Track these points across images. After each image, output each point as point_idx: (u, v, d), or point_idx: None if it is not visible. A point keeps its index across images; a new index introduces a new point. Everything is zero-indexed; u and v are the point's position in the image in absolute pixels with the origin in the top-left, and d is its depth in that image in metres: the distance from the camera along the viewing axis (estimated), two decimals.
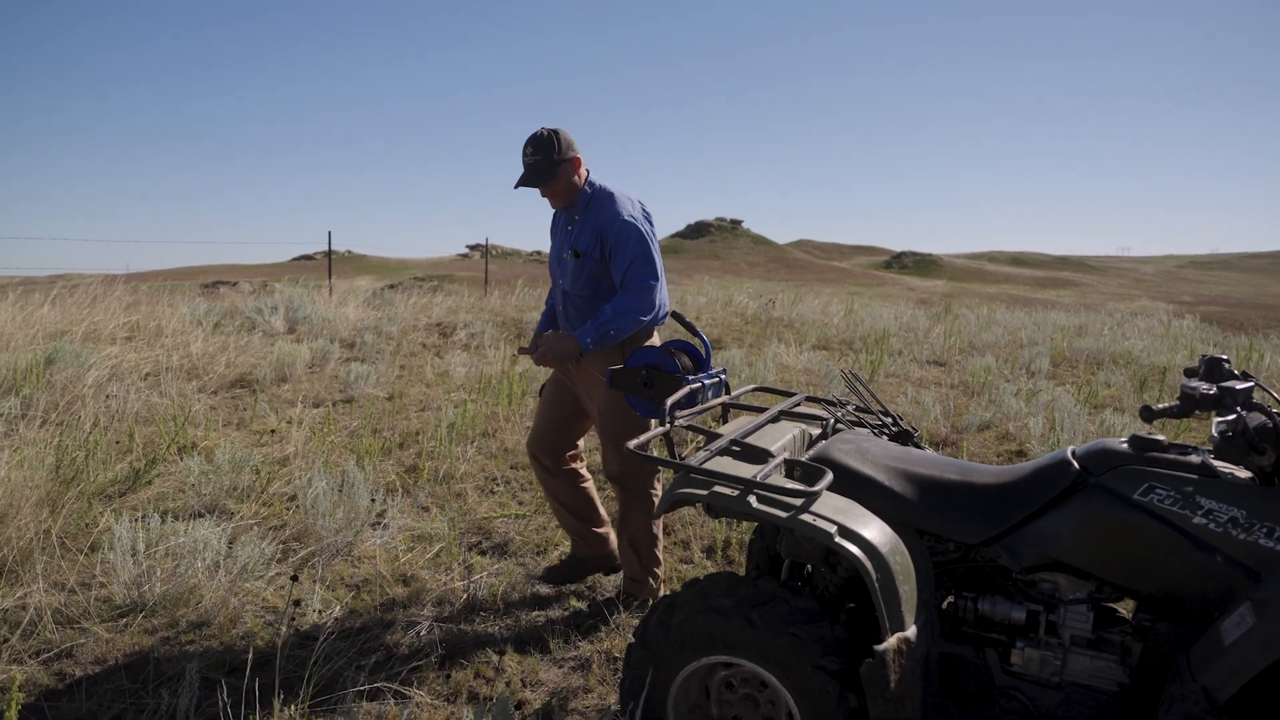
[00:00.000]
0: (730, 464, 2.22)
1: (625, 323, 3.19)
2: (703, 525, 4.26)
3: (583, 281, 3.35)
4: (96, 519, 4.04)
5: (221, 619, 3.18)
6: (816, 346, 10.29)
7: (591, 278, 3.33)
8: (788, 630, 2.03)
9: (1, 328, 7.65)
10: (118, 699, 2.69)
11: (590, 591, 3.60)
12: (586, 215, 3.33)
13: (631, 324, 3.20)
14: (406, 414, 6.56)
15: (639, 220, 3.26)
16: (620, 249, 3.21)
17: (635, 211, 3.30)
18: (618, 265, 3.24)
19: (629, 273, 3.21)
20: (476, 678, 2.89)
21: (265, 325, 9.92)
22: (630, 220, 3.22)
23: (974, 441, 5.88)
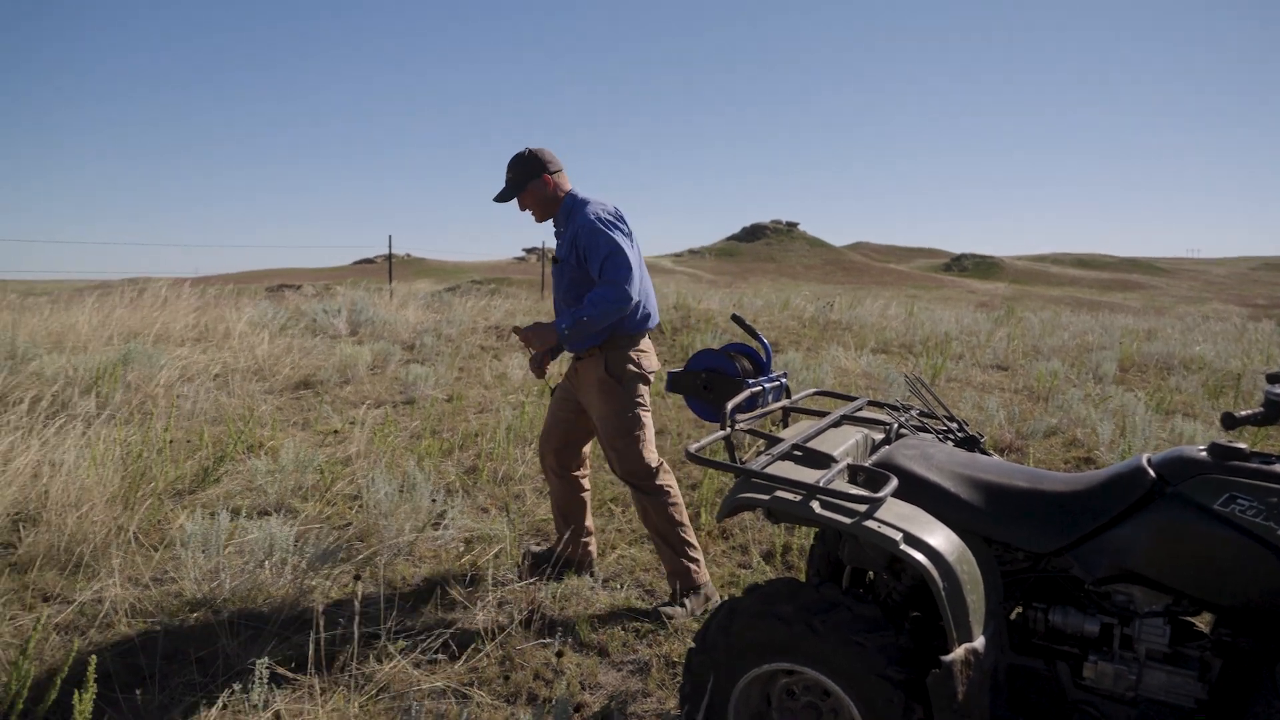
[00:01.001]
0: (792, 469, 2.20)
1: (596, 311, 3.28)
2: (761, 530, 4.23)
3: (565, 287, 3.54)
4: (168, 515, 4.16)
5: (287, 615, 3.24)
6: (876, 350, 10.16)
7: (573, 283, 3.49)
8: (852, 638, 2.00)
9: (80, 330, 7.92)
10: (189, 691, 2.75)
11: (650, 596, 3.60)
12: (566, 225, 3.52)
13: (603, 313, 3.29)
14: (465, 415, 6.63)
15: (606, 222, 3.41)
16: (593, 250, 3.37)
17: (605, 215, 3.44)
18: (593, 265, 3.39)
19: (603, 268, 3.35)
20: (536, 679, 2.91)
21: (329, 328, 10.11)
22: (597, 222, 3.39)
23: (1040, 448, 5.75)
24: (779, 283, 41.47)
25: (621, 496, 4.74)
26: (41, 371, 6.48)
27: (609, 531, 4.25)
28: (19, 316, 8.45)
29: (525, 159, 3.50)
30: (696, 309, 12.65)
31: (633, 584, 3.71)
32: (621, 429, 3.45)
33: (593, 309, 3.29)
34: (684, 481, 4.99)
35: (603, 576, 3.75)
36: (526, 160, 3.50)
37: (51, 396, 5.76)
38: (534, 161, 3.49)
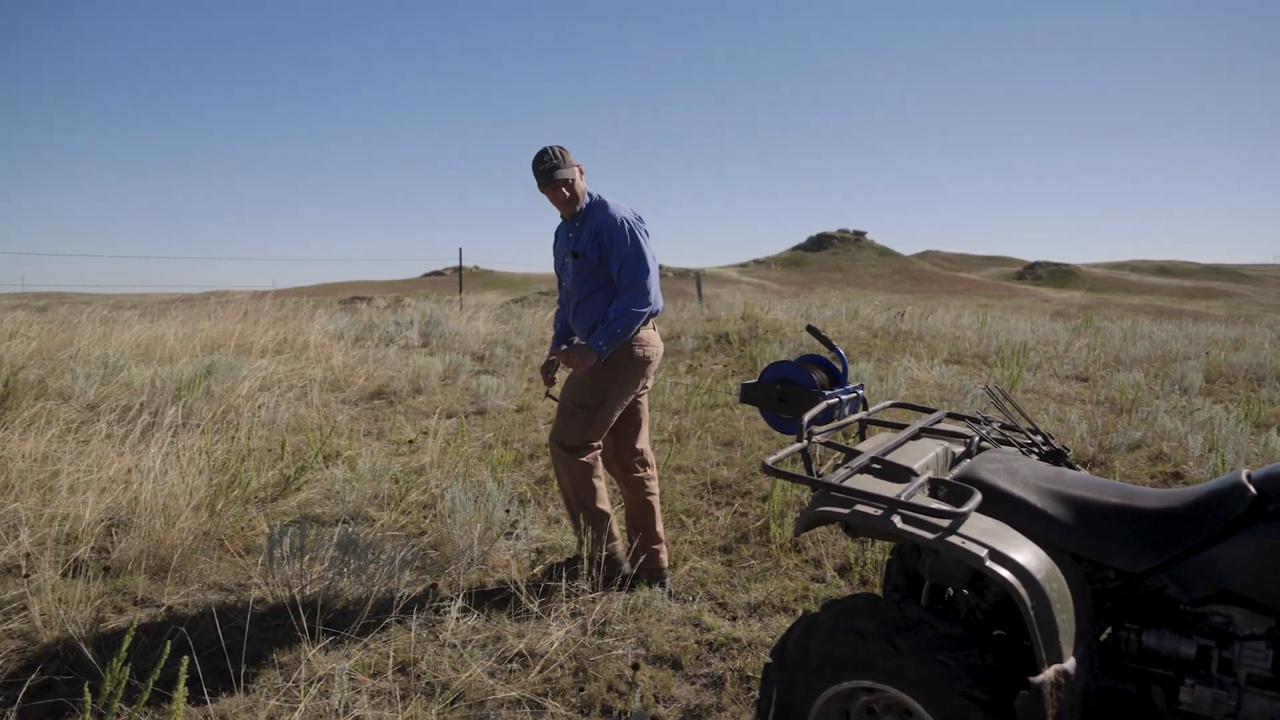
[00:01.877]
0: (871, 482, 2.16)
1: (627, 320, 3.53)
2: (835, 543, 4.17)
3: (583, 280, 3.70)
4: (251, 522, 4.27)
5: (366, 621, 3.30)
6: (949, 361, 9.96)
7: (591, 276, 3.68)
8: (935, 657, 1.95)
9: (167, 342, 8.20)
10: (272, 695, 2.82)
11: (722, 608, 3.57)
12: (585, 221, 3.70)
13: (633, 320, 3.54)
14: (535, 426, 6.69)
15: (631, 221, 3.63)
16: (616, 247, 3.58)
17: (628, 214, 3.66)
18: (613, 262, 3.59)
19: (623, 268, 3.57)
20: (609, 691, 2.91)
21: (401, 339, 10.30)
22: (623, 221, 3.60)
23: (1124, 462, 5.56)
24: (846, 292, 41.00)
25: (694, 509, 4.73)
26: (131, 382, 6.74)
27: (680, 544, 4.24)
28: (110, 329, 8.80)
29: (564, 152, 3.65)
30: (764, 319, 12.57)
31: (705, 596, 3.69)
32: (584, 400, 3.63)
33: (621, 320, 3.52)
34: (754, 494, 4.96)
35: (674, 589, 3.74)
36: (564, 154, 3.65)
37: (140, 406, 5.97)
38: (569, 156, 3.66)
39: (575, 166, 3.66)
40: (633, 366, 3.65)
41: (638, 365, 3.66)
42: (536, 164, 3.65)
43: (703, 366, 9.84)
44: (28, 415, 5.58)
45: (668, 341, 11.24)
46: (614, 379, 3.63)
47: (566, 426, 3.65)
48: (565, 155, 3.64)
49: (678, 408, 7.27)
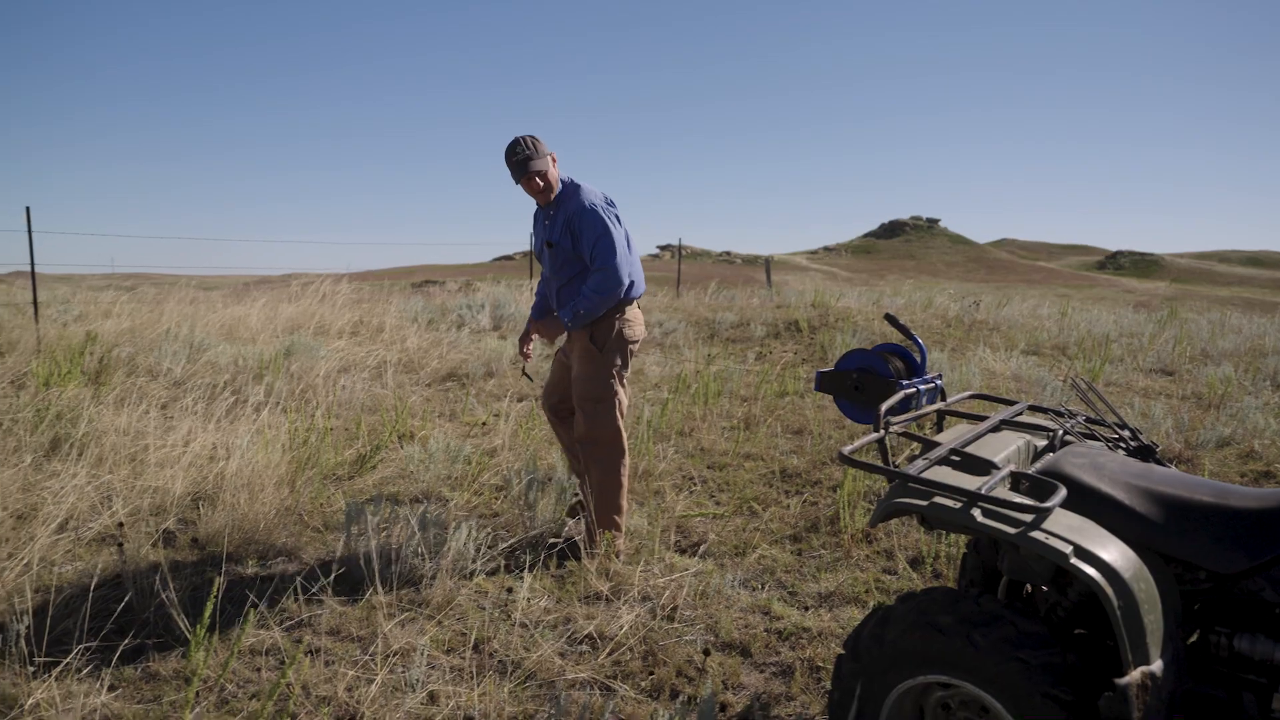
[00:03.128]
0: (950, 474, 2.12)
1: (592, 301, 3.69)
2: (907, 535, 4.11)
3: (559, 267, 3.87)
4: (330, 499, 4.38)
5: (439, 600, 3.37)
6: (1026, 352, 9.72)
7: (567, 263, 3.83)
8: (1014, 654, 1.91)
9: (250, 323, 8.46)
10: (351, 666, 2.89)
11: (793, 598, 3.56)
12: (559, 209, 3.83)
13: (598, 301, 3.70)
14: None
15: (600, 207, 3.73)
16: (587, 232, 3.70)
17: (598, 200, 3.77)
18: (585, 248, 3.73)
19: (594, 253, 3.70)
20: (678, 676, 2.92)
21: (473, 322, 10.45)
22: (592, 207, 3.71)
23: (1213, 459, 5.37)
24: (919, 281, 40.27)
25: (764, 496, 4.71)
26: (216, 361, 6.97)
27: (749, 531, 4.23)
28: (196, 309, 9.11)
29: (536, 142, 3.76)
30: (834, 307, 12.42)
31: (774, 585, 3.67)
32: (593, 394, 3.80)
33: (587, 300, 3.69)
34: (825, 483, 4.92)
35: (744, 576, 3.74)
36: (537, 144, 3.76)
37: (224, 384, 6.17)
38: (542, 146, 3.77)
39: (548, 156, 3.77)
40: (621, 347, 3.85)
41: (625, 346, 3.86)
42: (509, 155, 3.74)
43: (772, 354, 9.77)
44: (120, 391, 5.82)
45: (736, 329, 11.18)
46: (609, 363, 3.82)
47: (594, 422, 3.82)
48: (538, 146, 3.74)
49: (747, 395, 7.23)
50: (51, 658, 2.84)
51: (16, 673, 2.74)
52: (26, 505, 4.03)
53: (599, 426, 3.80)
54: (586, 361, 3.81)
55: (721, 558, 3.95)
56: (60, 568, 3.51)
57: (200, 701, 2.67)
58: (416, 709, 2.67)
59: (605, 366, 3.80)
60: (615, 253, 3.68)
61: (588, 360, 3.81)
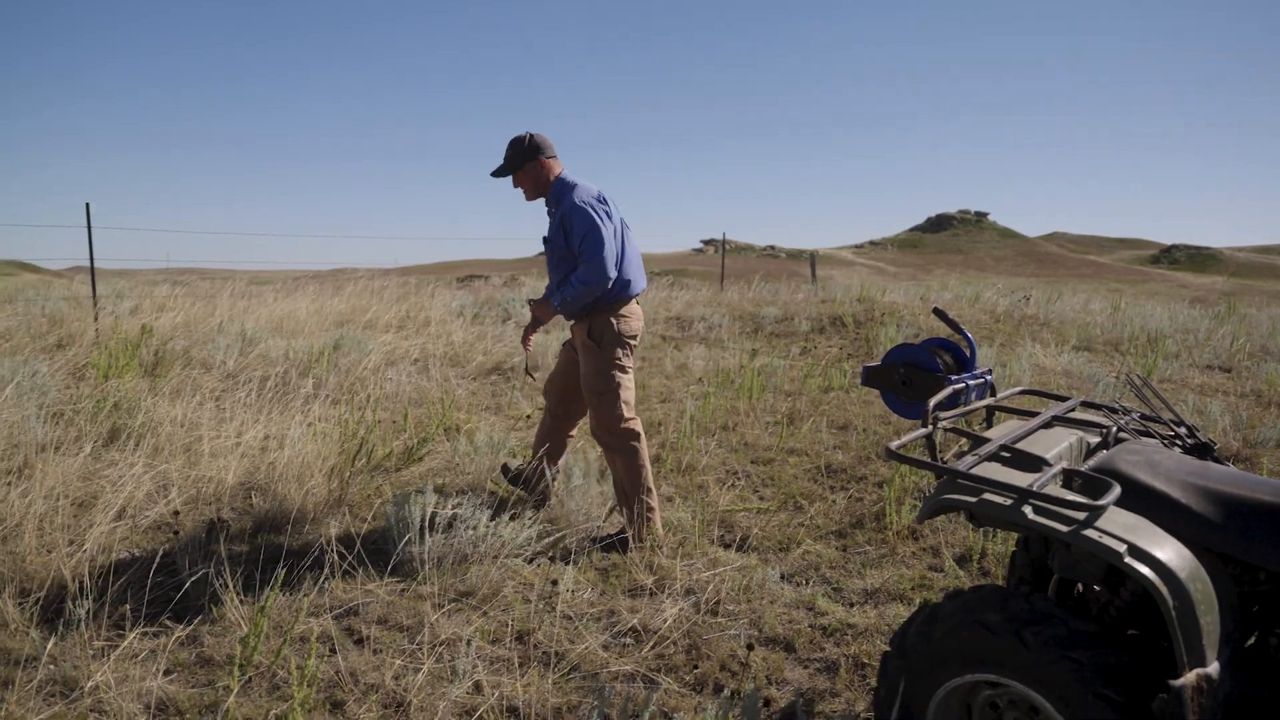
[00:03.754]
0: (1000, 470, 2.09)
1: (578, 290, 3.82)
2: (954, 532, 4.06)
3: (555, 265, 4.03)
4: (378, 490, 4.45)
5: (485, 590, 3.40)
6: (1077, 347, 9.54)
7: (562, 260, 3.97)
8: (1066, 654, 1.88)
9: (299, 316, 8.60)
10: (398, 656, 2.94)
11: (838, 594, 3.54)
12: (555, 208, 3.99)
13: (583, 291, 3.82)
14: (648, 405, 6.73)
15: (589, 204, 3.86)
16: (576, 228, 3.84)
17: (588, 198, 3.89)
18: (575, 241, 3.86)
19: (582, 246, 3.83)
20: (722, 670, 2.92)
21: (518, 316, 10.51)
22: (581, 205, 3.85)
23: (1273, 458, 5.23)
24: (966, 275, 39.71)
25: (810, 492, 4.69)
26: (267, 354, 7.10)
27: (793, 526, 4.21)
28: (248, 303, 9.28)
29: (524, 143, 3.99)
30: (880, 301, 12.30)
31: (819, 580, 3.65)
32: (598, 388, 3.94)
33: (573, 289, 3.84)
34: (870, 479, 4.87)
35: (788, 571, 3.72)
36: (525, 144, 3.98)
37: (275, 377, 6.28)
38: (532, 147, 3.98)
39: (538, 160, 3.98)
40: (620, 342, 3.97)
41: (623, 341, 3.98)
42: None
43: (817, 349, 9.70)
44: (175, 382, 5.95)
45: (781, 323, 11.12)
46: (610, 358, 3.95)
47: (600, 414, 3.98)
48: (520, 149, 3.98)
49: (791, 390, 7.19)
50: (110, 641, 2.93)
51: (78, 655, 2.82)
52: (86, 493, 4.15)
53: (606, 418, 3.96)
54: (588, 357, 3.97)
55: (765, 553, 3.93)
56: (118, 554, 3.60)
57: (253, 687, 2.73)
58: (462, 698, 2.70)
59: (605, 361, 3.94)
60: (602, 246, 3.80)
61: (589, 356, 3.97)
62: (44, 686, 2.67)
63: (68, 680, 2.71)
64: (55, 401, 5.46)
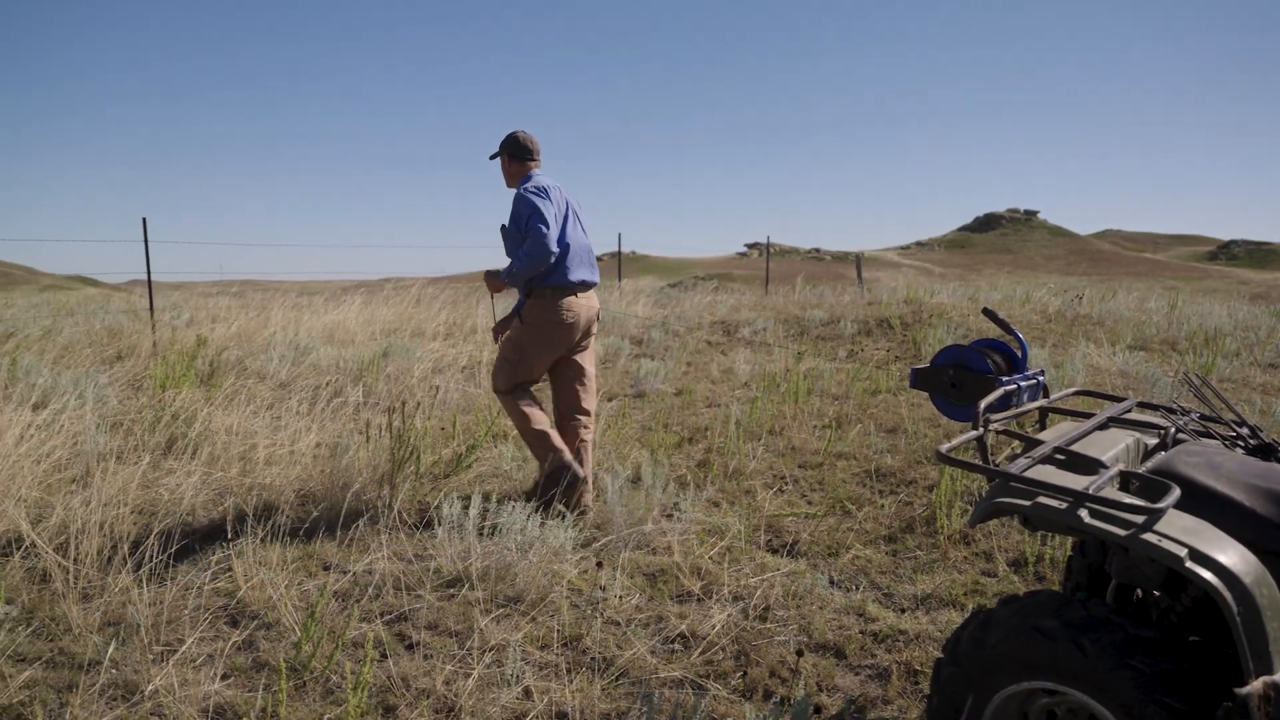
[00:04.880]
0: (1054, 473, 2.05)
1: (521, 263, 4.18)
2: (1007, 536, 3.99)
3: (511, 249, 4.39)
4: (427, 497, 4.49)
5: (533, 596, 3.41)
6: (1133, 347, 9.33)
7: (515, 245, 4.31)
8: (1126, 661, 1.83)
9: (349, 325, 8.73)
10: (448, 661, 2.96)
11: (889, 600, 3.49)
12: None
13: (527, 262, 4.16)
14: (695, 409, 6.72)
15: (530, 191, 4.25)
16: (520, 214, 4.24)
17: (532, 187, 4.28)
18: (521, 225, 4.23)
19: (526, 226, 4.19)
20: (771, 676, 2.89)
21: None
22: (523, 192, 4.26)
23: None
24: (1016, 275, 39.06)
25: (859, 496, 4.64)
26: (318, 363, 7.22)
27: (842, 531, 4.17)
28: (299, 314, 9.45)
29: (506, 139, 4.54)
30: (928, 303, 12.15)
31: (869, 586, 3.61)
32: (505, 353, 4.46)
33: (519, 262, 4.18)
34: (920, 483, 4.81)
35: (837, 577, 3.68)
36: (505, 140, 4.54)
37: (326, 385, 6.39)
38: (508, 141, 4.52)
39: (503, 154, 4.53)
40: (544, 328, 4.35)
41: (548, 328, 4.34)
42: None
43: (863, 351, 9.61)
44: (230, 392, 6.07)
45: (826, 326, 11.03)
46: (527, 337, 4.39)
47: (496, 375, 4.49)
48: (503, 141, 4.53)
49: (838, 393, 7.13)
50: (169, 646, 2.99)
51: (138, 660, 2.88)
52: (145, 501, 4.25)
53: (499, 381, 4.47)
54: (515, 327, 4.47)
55: (814, 558, 3.90)
56: (176, 560, 3.68)
57: (308, 692, 2.77)
58: (512, 704, 2.71)
59: (518, 337, 4.43)
60: (544, 224, 4.13)
61: (515, 327, 4.47)
62: (106, 690, 2.74)
63: (129, 684, 2.77)
64: (115, 412, 5.61)
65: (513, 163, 4.52)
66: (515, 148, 4.50)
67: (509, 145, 4.51)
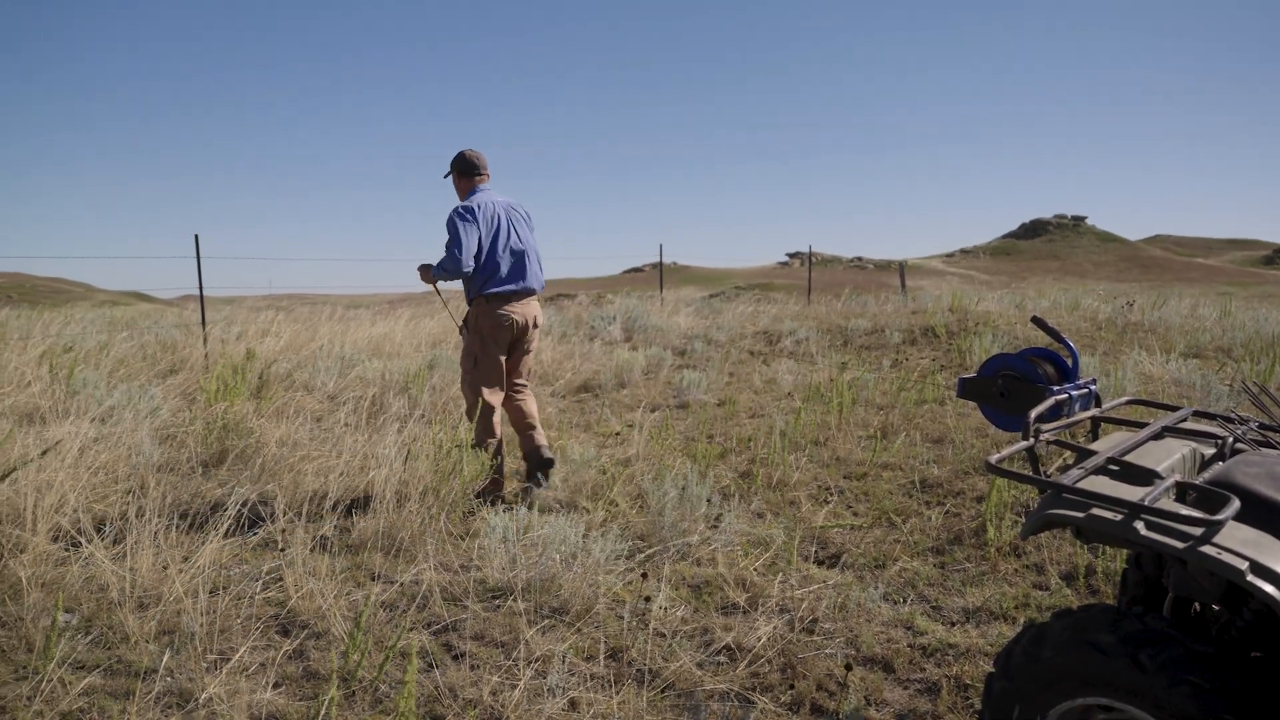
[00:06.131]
0: (1108, 484, 2.01)
1: (441, 267, 4.72)
2: (1059, 548, 3.92)
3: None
4: (473, 508, 4.53)
5: (578, 607, 3.42)
6: (1186, 354, 9.12)
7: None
8: (1185, 677, 1.78)
9: (395, 338, 8.84)
10: (494, 672, 2.97)
11: (937, 613, 3.45)
12: None
13: (443, 269, 4.71)
14: (738, 420, 6.69)
15: (455, 212, 4.70)
16: (448, 229, 4.70)
17: (458, 207, 4.72)
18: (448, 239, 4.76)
19: (447, 241, 4.71)
20: (819, 690, 2.87)
21: (605, 334, 10.60)
22: (451, 214, 4.71)
23: None
24: (1064, 282, 38.45)
25: (904, 507, 4.59)
26: (364, 375, 7.31)
27: (889, 542, 4.12)
28: (345, 327, 9.59)
29: (455, 157, 4.97)
30: (974, 311, 11.99)
31: (916, 599, 3.56)
32: (464, 365, 4.90)
33: (440, 265, 4.72)
34: (968, 494, 4.74)
35: (884, 589, 3.64)
36: (454, 158, 4.98)
37: (372, 398, 6.47)
38: (455, 160, 4.97)
39: (453, 172, 4.97)
40: (487, 332, 4.79)
41: (491, 331, 4.79)
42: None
43: (908, 360, 9.51)
44: (279, 404, 6.18)
45: (870, 335, 10.94)
46: (476, 343, 4.83)
47: (463, 387, 4.93)
48: (454, 160, 4.97)
49: (883, 403, 7.06)
50: (222, 654, 3.04)
51: (192, 668, 2.94)
52: (199, 512, 4.33)
53: (466, 389, 4.90)
54: (464, 339, 4.93)
55: (860, 570, 3.86)
56: (228, 570, 3.75)
57: (356, 701, 2.80)
58: (558, 715, 2.72)
59: (468, 345, 4.87)
60: (457, 244, 4.64)
61: (465, 338, 4.93)
62: (161, 698, 2.79)
63: (183, 692, 2.82)
64: (168, 424, 5.73)
65: (461, 179, 4.95)
66: (463, 165, 4.93)
67: (457, 163, 4.95)
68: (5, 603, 3.37)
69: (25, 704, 2.73)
